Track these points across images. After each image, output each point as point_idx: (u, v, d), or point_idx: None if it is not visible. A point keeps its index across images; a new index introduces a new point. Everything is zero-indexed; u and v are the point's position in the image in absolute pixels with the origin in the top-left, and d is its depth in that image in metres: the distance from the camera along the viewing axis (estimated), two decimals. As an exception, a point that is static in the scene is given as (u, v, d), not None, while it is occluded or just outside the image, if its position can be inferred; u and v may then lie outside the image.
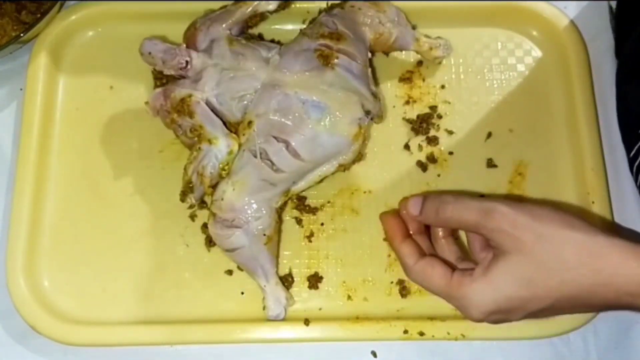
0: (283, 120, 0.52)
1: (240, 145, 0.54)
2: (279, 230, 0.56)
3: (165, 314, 0.56)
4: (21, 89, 0.62)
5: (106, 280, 0.57)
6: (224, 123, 0.55)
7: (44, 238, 0.58)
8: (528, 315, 0.42)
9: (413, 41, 0.61)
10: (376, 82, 0.62)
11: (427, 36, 0.62)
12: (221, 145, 0.53)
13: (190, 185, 0.54)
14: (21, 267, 0.56)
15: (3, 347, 0.56)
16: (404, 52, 0.64)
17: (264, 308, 0.55)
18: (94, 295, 0.57)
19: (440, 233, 0.50)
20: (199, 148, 0.54)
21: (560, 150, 0.62)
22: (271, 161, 0.52)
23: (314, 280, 0.57)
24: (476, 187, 0.60)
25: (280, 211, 0.56)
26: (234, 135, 0.54)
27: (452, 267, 0.46)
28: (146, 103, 0.57)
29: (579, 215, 0.43)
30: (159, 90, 0.56)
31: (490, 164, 0.61)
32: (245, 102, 0.54)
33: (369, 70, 0.57)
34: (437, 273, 0.45)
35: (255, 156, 0.52)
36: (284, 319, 0.55)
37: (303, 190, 0.57)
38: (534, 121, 0.63)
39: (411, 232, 0.50)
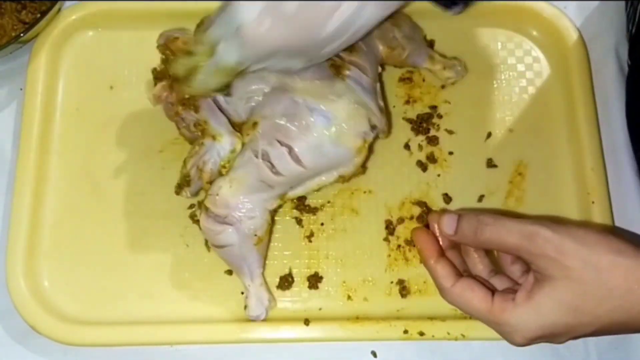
0: (289, 125, 0.52)
1: (243, 145, 0.54)
2: (270, 232, 0.56)
3: (165, 314, 0.56)
4: (21, 89, 0.62)
5: (106, 280, 0.57)
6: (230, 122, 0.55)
7: (44, 238, 0.58)
8: (572, 339, 0.42)
9: (427, 59, 0.61)
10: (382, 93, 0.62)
11: (442, 55, 0.62)
12: (225, 142, 0.53)
13: (188, 179, 0.54)
14: (21, 267, 0.56)
15: (3, 347, 0.56)
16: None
17: (245, 307, 0.55)
18: (94, 295, 0.57)
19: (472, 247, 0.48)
20: (202, 143, 0.54)
21: (560, 150, 0.62)
22: (272, 163, 0.52)
23: (314, 280, 0.57)
24: (476, 187, 0.60)
25: (273, 213, 0.56)
26: (238, 134, 0.54)
27: (488, 286, 0.45)
28: (152, 94, 0.56)
29: (624, 238, 0.41)
30: (164, 82, 0.56)
31: (490, 164, 0.61)
32: (252, 104, 0.54)
33: (378, 84, 0.56)
34: (477, 297, 0.43)
35: (257, 156, 0.52)
36: (264, 320, 0.55)
37: (298, 196, 0.57)
38: (534, 121, 0.63)
39: (443, 248, 0.48)
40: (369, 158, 0.58)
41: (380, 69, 0.58)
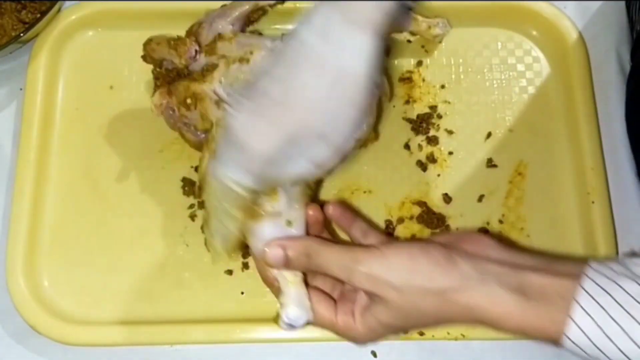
0: None
1: None
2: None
3: (165, 314, 0.56)
4: (21, 89, 0.62)
5: (106, 280, 0.57)
6: None
7: (44, 238, 0.58)
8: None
9: (411, 21, 0.61)
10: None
11: (424, 16, 0.62)
12: None
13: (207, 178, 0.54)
14: (21, 267, 0.56)
15: (3, 347, 0.56)
16: (403, 53, 0.64)
17: (276, 317, 0.47)
18: (94, 295, 0.57)
19: None
20: (212, 137, 0.53)
21: (560, 150, 0.62)
22: None
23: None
24: (476, 187, 0.60)
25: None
26: None
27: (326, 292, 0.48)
28: (153, 105, 0.56)
29: (444, 246, 0.44)
30: (162, 89, 0.56)
31: (490, 164, 0.61)
32: None
33: None
34: (321, 308, 0.47)
35: None
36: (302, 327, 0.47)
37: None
38: (534, 121, 0.63)
39: None
40: (379, 121, 0.59)
41: None
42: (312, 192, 0.54)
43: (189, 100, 0.54)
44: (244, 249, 0.58)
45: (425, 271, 0.42)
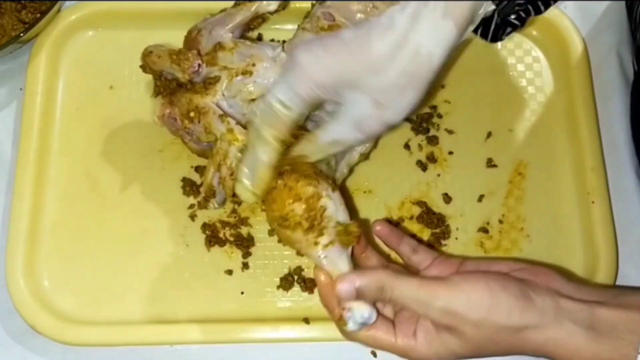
0: None
1: None
2: None
3: (165, 314, 0.56)
4: (21, 89, 0.62)
5: (106, 280, 0.57)
6: None
7: (44, 238, 0.58)
8: None
9: None
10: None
11: None
12: (242, 142, 0.52)
13: (213, 189, 0.54)
14: (21, 267, 0.56)
15: (3, 347, 0.56)
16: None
17: (340, 319, 0.46)
18: (94, 295, 0.57)
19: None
20: (217, 151, 0.53)
21: (560, 150, 0.62)
22: None
23: (314, 281, 0.57)
24: (476, 187, 0.60)
25: None
26: (248, 132, 0.53)
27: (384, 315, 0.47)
28: (156, 117, 0.57)
29: (518, 284, 0.44)
30: (164, 100, 0.56)
31: (490, 163, 0.61)
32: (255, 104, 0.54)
33: None
34: (380, 332, 0.46)
35: None
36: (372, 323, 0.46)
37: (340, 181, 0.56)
38: (534, 121, 0.63)
39: None
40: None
41: None
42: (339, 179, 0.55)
43: (192, 114, 0.54)
44: (245, 250, 0.58)
45: (504, 308, 0.43)
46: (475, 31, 0.48)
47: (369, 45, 0.43)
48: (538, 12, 0.49)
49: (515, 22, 0.49)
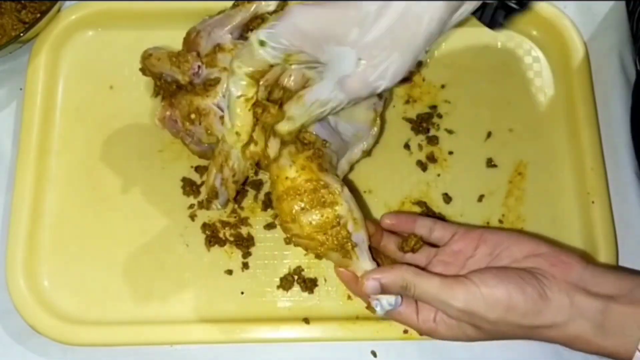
0: None
1: None
2: None
3: (165, 314, 0.56)
4: (21, 89, 0.62)
5: (106, 280, 0.57)
6: None
7: (44, 238, 0.58)
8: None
9: None
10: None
11: None
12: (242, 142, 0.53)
13: (215, 190, 0.54)
14: (21, 267, 0.56)
15: (3, 347, 0.56)
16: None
17: (369, 305, 0.49)
18: (94, 295, 0.57)
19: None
20: (219, 152, 0.53)
21: (560, 150, 0.62)
22: None
23: (311, 284, 0.57)
24: (476, 187, 0.60)
25: None
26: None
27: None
28: (157, 120, 0.56)
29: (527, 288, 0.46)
30: (164, 102, 0.56)
31: (490, 163, 0.61)
32: None
33: None
34: (407, 317, 0.49)
35: None
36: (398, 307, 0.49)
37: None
38: (534, 121, 0.63)
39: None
40: (383, 127, 0.59)
41: None
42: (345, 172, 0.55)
43: (193, 116, 0.54)
44: (245, 250, 0.58)
45: (520, 310, 0.45)
46: (475, 14, 0.48)
47: (362, 7, 0.43)
48: None
49: (515, 6, 0.48)
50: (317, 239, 0.48)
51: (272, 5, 0.59)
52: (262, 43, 0.45)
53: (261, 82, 0.47)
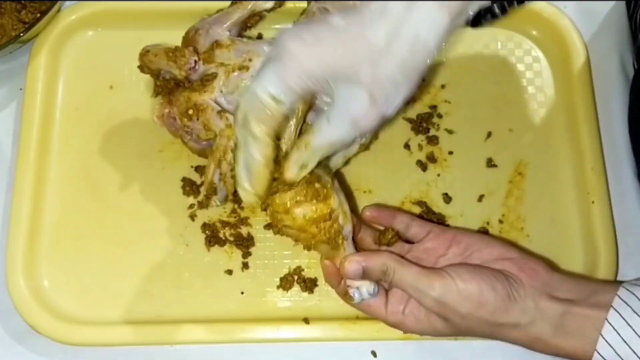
0: None
1: None
2: None
3: (165, 314, 0.56)
4: (21, 89, 0.62)
5: (106, 280, 0.57)
6: None
7: (44, 238, 0.58)
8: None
9: None
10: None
11: None
12: None
13: (214, 186, 0.54)
14: (21, 267, 0.56)
15: (3, 347, 0.56)
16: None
17: (346, 296, 0.49)
18: (94, 295, 0.57)
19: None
20: (217, 147, 0.53)
21: (560, 150, 0.62)
22: None
23: (311, 284, 0.57)
24: (476, 187, 0.60)
25: None
26: None
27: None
28: (155, 117, 0.57)
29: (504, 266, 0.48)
30: (162, 99, 0.56)
31: (490, 163, 0.61)
32: None
33: None
34: (375, 310, 0.50)
35: None
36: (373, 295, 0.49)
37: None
38: (534, 121, 0.63)
39: None
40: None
41: None
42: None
43: (190, 112, 0.54)
44: (245, 250, 0.58)
45: (489, 306, 0.46)
46: None
47: (363, 34, 0.41)
48: (521, 2, 0.49)
49: (496, 10, 0.48)
50: (309, 232, 0.48)
51: (269, 3, 0.59)
52: (277, 102, 0.42)
53: (282, 143, 0.47)
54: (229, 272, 0.58)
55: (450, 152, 0.62)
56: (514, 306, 0.46)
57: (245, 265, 0.58)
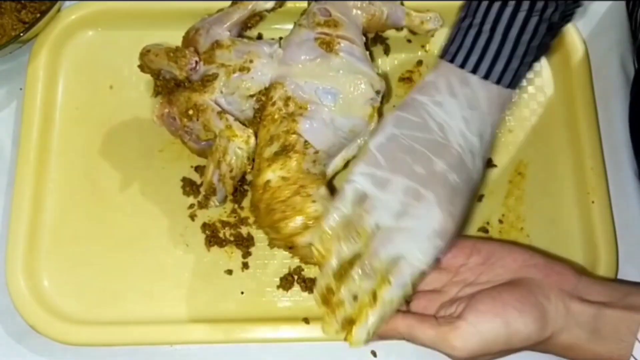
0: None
1: (256, 136, 0.54)
2: None
3: (165, 314, 0.56)
4: (21, 89, 0.62)
5: (106, 280, 0.57)
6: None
7: (44, 238, 0.58)
8: None
9: (404, 17, 0.61)
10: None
11: (417, 11, 0.62)
12: (240, 138, 0.53)
13: (213, 187, 0.54)
14: (21, 267, 0.56)
15: (3, 347, 0.56)
16: (403, 53, 0.64)
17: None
18: (94, 295, 0.57)
19: None
20: (216, 148, 0.53)
21: (560, 150, 0.62)
22: None
23: (314, 281, 0.57)
24: (476, 187, 0.60)
25: None
26: (248, 129, 0.54)
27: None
28: (155, 117, 0.57)
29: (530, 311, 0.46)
30: (162, 99, 0.56)
31: (490, 164, 0.61)
32: (255, 99, 0.54)
33: (367, 52, 0.57)
34: (425, 326, 0.48)
35: None
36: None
37: (332, 175, 0.57)
38: (534, 121, 0.63)
39: None
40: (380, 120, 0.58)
41: (364, 38, 0.58)
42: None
43: (190, 112, 0.54)
44: (245, 250, 0.58)
45: (522, 335, 0.45)
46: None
47: (436, 174, 0.47)
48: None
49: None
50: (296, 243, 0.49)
51: (269, 4, 0.59)
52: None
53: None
54: (229, 272, 0.58)
55: (450, 152, 0.61)
56: (547, 320, 0.45)
57: (245, 265, 0.58)
